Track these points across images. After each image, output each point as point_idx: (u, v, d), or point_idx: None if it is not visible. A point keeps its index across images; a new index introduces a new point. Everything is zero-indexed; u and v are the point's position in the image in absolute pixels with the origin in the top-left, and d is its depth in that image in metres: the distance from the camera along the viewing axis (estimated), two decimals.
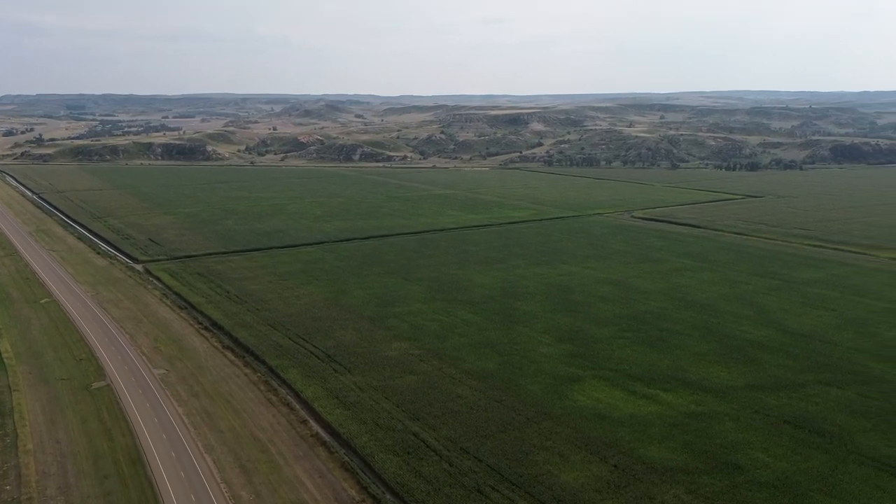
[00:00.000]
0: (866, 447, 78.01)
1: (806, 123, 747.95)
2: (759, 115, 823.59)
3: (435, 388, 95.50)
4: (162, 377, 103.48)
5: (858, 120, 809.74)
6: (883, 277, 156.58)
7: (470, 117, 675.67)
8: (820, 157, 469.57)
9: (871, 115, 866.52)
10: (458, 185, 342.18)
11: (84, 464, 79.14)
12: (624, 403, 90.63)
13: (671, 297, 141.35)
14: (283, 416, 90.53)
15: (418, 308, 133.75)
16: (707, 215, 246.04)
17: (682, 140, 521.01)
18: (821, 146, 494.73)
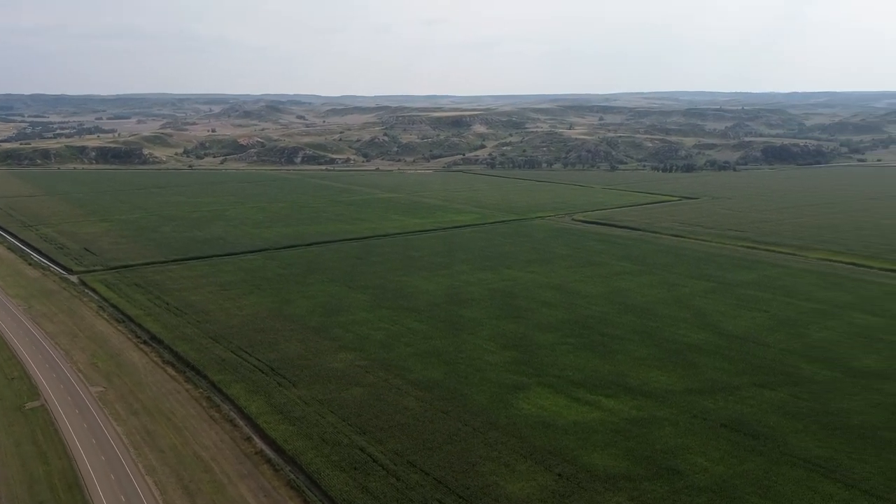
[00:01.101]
0: (798, 448, 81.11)
1: (739, 124, 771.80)
2: (695, 116, 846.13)
3: (381, 401, 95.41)
4: (99, 395, 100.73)
5: (788, 121, 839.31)
6: (811, 278, 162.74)
7: (413, 119, 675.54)
8: (752, 158, 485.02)
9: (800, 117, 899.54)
10: (401, 189, 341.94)
11: (18, 489, 76.55)
12: (568, 410, 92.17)
13: (612, 301, 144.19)
14: (226, 433, 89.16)
15: (363, 317, 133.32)
16: (646, 217, 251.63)
17: (620, 142, 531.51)
18: (753, 147, 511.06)
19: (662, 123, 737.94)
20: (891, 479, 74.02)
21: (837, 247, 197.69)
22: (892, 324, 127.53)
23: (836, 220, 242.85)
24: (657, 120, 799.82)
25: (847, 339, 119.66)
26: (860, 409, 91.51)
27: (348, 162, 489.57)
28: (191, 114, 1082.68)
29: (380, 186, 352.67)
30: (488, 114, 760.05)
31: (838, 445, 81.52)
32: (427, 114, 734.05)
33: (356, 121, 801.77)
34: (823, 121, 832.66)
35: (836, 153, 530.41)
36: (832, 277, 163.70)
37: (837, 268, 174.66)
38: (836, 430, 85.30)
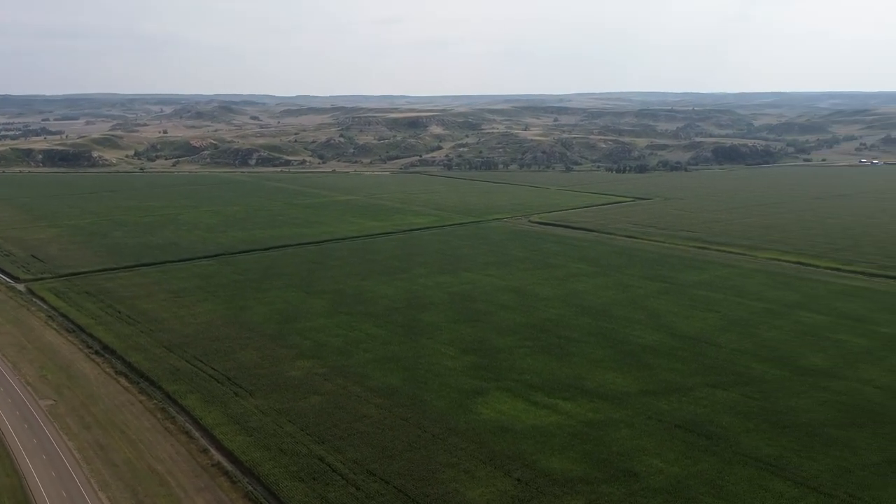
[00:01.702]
0: (750, 447, 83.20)
1: (690, 125, 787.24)
2: (647, 117, 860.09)
3: (340, 409, 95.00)
4: (49, 408, 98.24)
5: (737, 121, 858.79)
6: (761, 278, 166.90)
7: (369, 120, 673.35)
8: (703, 159, 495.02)
9: (749, 117, 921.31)
10: (358, 191, 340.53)
11: None
12: (526, 415, 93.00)
13: (569, 303, 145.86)
14: (182, 445, 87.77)
15: (321, 323, 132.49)
16: (600, 219, 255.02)
17: (575, 143, 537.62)
18: (703, 148, 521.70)
19: (616, 124, 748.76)
20: (838, 476, 76.44)
21: (785, 246, 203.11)
22: (837, 322, 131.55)
23: (783, 220, 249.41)
24: (610, 121, 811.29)
25: (795, 338, 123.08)
26: (808, 407, 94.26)
27: (304, 164, 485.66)
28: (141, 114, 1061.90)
29: (336, 188, 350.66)
30: (444, 115, 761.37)
31: (788, 444, 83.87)
32: (383, 115, 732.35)
33: (311, 121, 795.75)
34: (771, 121, 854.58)
35: (783, 153, 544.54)
36: (780, 277, 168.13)
37: (785, 267, 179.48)
38: (785, 429, 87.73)
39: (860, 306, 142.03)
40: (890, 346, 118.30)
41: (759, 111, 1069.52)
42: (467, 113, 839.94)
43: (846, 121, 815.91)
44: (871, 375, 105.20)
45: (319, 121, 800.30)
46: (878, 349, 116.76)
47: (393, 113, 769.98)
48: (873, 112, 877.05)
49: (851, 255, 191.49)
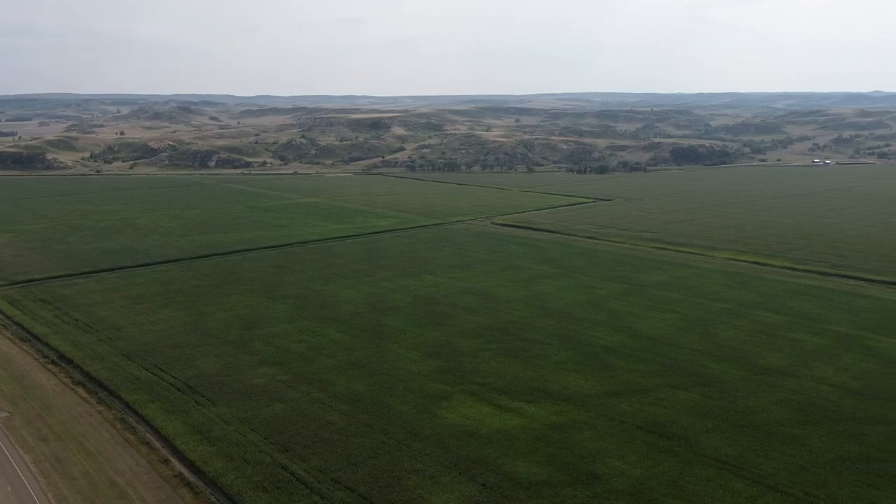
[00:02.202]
0: (710, 447, 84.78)
1: (648, 126, 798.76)
2: (607, 118, 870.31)
3: (304, 416, 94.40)
4: (4, 421, 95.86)
5: (695, 122, 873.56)
6: (719, 278, 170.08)
7: (331, 121, 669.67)
8: (662, 159, 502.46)
9: (706, 118, 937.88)
10: (321, 193, 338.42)
11: None
12: (491, 418, 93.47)
13: (532, 305, 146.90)
14: (142, 456, 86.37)
15: (284, 329, 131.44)
16: (562, 220, 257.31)
17: (536, 144, 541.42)
18: (662, 149, 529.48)
19: (576, 125, 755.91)
20: (794, 475, 78.32)
21: (742, 246, 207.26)
22: (793, 321, 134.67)
23: (740, 220, 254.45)
24: (571, 122, 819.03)
25: (752, 337, 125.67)
26: (765, 406, 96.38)
27: (265, 165, 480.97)
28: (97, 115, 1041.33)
29: (298, 191, 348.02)
30: (407, 115, 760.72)
31: (746, 443, 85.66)
32: (345, 115, 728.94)
33: (272, 122, 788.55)
34: (727, 121, 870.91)
35: (739, 153, 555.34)
36: (738, 277, 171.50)
37: (742, 267, 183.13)
38: (744, 428, 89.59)
39: (814, 305, 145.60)
40: (843, 344, 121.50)
41: (716, 111, 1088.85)
42: (430, 114, 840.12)
43: (800, 121, 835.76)
44: (825, 374, 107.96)
45: (280, 121, 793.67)
46: (832, 347, 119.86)
47: (355, 114, 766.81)
48: (826, 113, 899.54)
49: (805, 254, 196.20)
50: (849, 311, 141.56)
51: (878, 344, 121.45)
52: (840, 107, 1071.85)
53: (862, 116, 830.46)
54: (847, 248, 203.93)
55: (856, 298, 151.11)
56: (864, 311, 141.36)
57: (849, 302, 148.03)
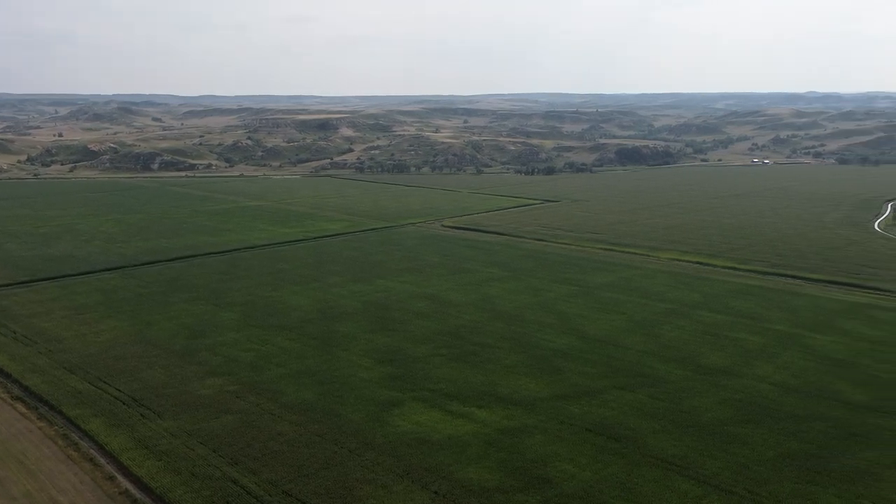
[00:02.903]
0: (657, 448, 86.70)
1: (594, 126, 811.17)
2: (553, 119, 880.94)
3: (253, 427, 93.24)
4: None
5: (638, 123, 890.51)
6: (664, 279, 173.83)
7: (278, 122, 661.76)
8: (607, 160, 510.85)
9: (649, 118, 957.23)
10: (268, 196, 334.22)
11: None
12: (442, 425, 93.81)
13: (482, 308, 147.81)
14: (86, 473, 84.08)
15: (232, 337, 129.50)
16: (511, 222, 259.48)
17: (485, 145, 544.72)
18: (607, 149, 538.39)
19: (523, 126, 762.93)
20: (737, 473, 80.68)
21: (685, 246, 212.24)
22: (734, 321, 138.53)
23: (683, 221, 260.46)
24: (518, 122, 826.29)
25: (696, 337, 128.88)
26: (709, 406, 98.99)
27: (210, 168, 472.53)
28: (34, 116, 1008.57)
29: (245, 194, 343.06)
30: (355, 116, 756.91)
31: (691, 443, 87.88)
32: (292, 116, 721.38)
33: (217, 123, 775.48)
34: (670, 122, 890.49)
35: (682, 153, 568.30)
36: (682, 277, 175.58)
37: (686, 267, 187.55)
38: (689, 428, 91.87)
39: (755, 304, 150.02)
40: (782, 343, 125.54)
41: (659, 112, 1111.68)
42: (378, 114, 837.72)
43: (739, 122, 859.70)
44: (766, 373, 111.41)
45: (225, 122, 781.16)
46: (772, 346, 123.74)
47: (302, 114, 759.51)
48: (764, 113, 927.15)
49: (746, 254, 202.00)
50: (787, 309, 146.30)
51: (815, 342, 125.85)
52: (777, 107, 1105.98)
53: (798, 117, 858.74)
54: (785, 247, 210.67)
55: (794, 297, 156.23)
56: (801, 309, 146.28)
57: (787, 301, 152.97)
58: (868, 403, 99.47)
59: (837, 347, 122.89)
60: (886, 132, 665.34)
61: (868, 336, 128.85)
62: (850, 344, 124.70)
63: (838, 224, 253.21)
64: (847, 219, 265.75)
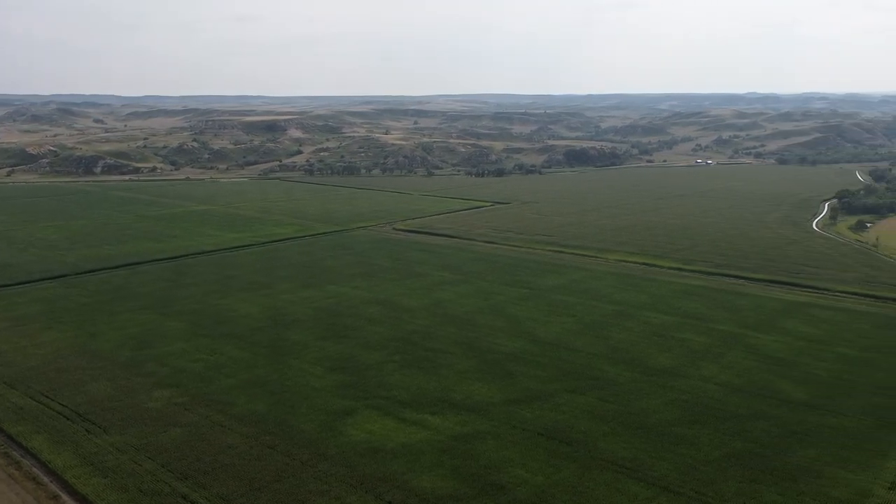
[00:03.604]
0: (607, 451, 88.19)
1: (542, 128, 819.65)
2: (503, 120, 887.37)
3: (203, 440, 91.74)
4: None
5: (586, 124, 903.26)
6: (612, 280, 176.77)
7: (224, 124, 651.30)
8: (556, 161, 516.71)
9: (596, 119, 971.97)
10: (215, 200, 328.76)
11: None
12: (396, 433, 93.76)
13: (434, 313, 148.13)
14: (28, 493, 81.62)
15: (180, 348, 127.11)
16: (462, 224, 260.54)
17: (435, 147, 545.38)
18: (556, 151, 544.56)
19: (473, 127, 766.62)
20: (684, 474, 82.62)
21: (633, 248, 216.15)
22: (680, 322, 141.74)
23: (630, 222, 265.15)
24: (468, 124, 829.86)
25: (644, 339, 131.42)
26: (657, 407, 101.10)
27: (155, 171, 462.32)
28: None
29: (192, 198, 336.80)
30: (304, 117, 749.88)
31: (640, 445, 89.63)
32: (240, 118, 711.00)
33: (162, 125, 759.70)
34: (616, 123, 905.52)
35: (628, 155, 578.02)
36: (629, 278, 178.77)
37: (633, 268, 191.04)
38: (638, 430, 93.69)
39: (700, 305, 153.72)
40: (727, 343, 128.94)
41: (605, 113, 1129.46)
42: (327, 115, 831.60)
43: (683, 122, 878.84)
44: (711, 373, 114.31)
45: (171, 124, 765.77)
46: (717, 346, 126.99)
47: (249, 115, 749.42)
48: (707, 114, 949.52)
49: (691, 254, 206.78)
50: (731, 309, 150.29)
51: (758, 341, 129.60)
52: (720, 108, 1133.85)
53: (739, 118, 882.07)
54: (728, 247, 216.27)
55: (737, 297, 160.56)
56: (744, 309, 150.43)
57: (731, 301, 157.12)
58: (808, 402, 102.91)
59: (779, 347, 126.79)
60: (822, 133, 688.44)
61: (807, 335, 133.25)
62: (791, 343, 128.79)
63: (779, 224, 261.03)
64: (787, 218, 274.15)
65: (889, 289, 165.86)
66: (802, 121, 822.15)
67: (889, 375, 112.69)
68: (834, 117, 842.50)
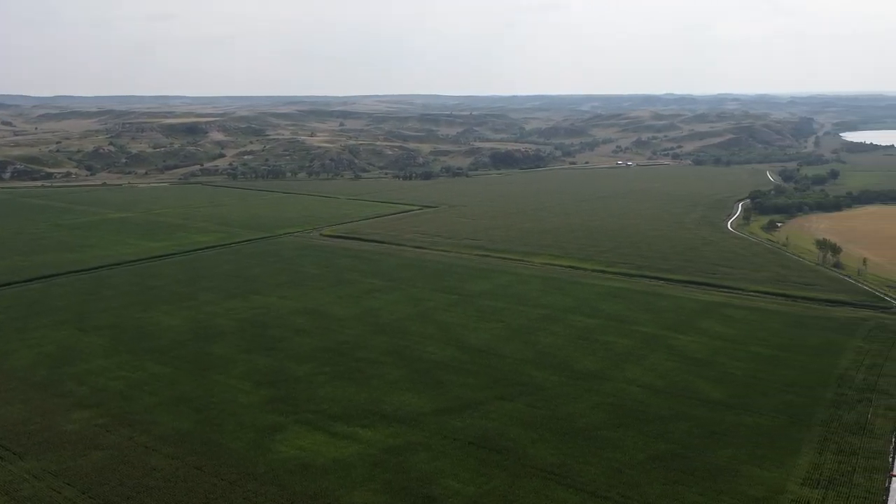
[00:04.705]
0: (537, 458, 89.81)
1: (468, 130, 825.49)
2: (429, 122, 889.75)
3: (126, 463, 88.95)
4: None
5: (510, 126, 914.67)
6: (538, 284, 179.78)
7: (143, 126, 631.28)
8: (482, 164, 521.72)
9: (521, 121, 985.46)
10: (135, 207, 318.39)
11: None
12: (326, 448, 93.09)
13: (364, 322, 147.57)
14: None
15: (99, 365, 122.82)
16: (391, 229, 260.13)
17: (362, 150, 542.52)
18: (482, 153, 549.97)
19: (400, 129, 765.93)
20: (611, 478, 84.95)
21: (557, 250, 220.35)
22: (605, 324, 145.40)
23: (554, 224, 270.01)
24: (395, 126, 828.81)
25: (570, 342, 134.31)
26: (583, 411, 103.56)
27: (69, 176, 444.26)
28: None
29: (109, 205, 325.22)
30: (226, 119, 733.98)
31: (568, 450, 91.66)
32: (158, 120, 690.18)
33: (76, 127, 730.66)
34: (540, 125, 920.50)
35: (552, 157, 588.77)
36: (554, 282, 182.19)
37: (558, 272, 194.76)
38: (566, 436, 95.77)
39: (623, 307, 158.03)
40: (649, 344, 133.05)
41: (529, 115, 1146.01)
42: (250, 117, 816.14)
43: (604, 124, 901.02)
44: (635, 375, 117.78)
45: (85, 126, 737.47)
46: (640, 348, 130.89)
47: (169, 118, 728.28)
48: (626, 115, 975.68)
49: (613, 256, 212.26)
50: (653, 311, 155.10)
51: (678, 342, 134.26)
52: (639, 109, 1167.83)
53: (657, 119, 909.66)
54: (648, 248, 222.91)
55: (658, 298, 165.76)
56: (665, 310, 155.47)
57: (652, 302, 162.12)
58: (725, 401, 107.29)
59: (697, 347, 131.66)
60: (735, 134, 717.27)
61: (723, 334, 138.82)
62: (709, 343, 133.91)
63: (696, 224, 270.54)
64: (704, 219, 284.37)
65: (798, 287, 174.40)
66: (716, 122, 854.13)
67: (798, 373, 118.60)
68: (746, 118, 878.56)
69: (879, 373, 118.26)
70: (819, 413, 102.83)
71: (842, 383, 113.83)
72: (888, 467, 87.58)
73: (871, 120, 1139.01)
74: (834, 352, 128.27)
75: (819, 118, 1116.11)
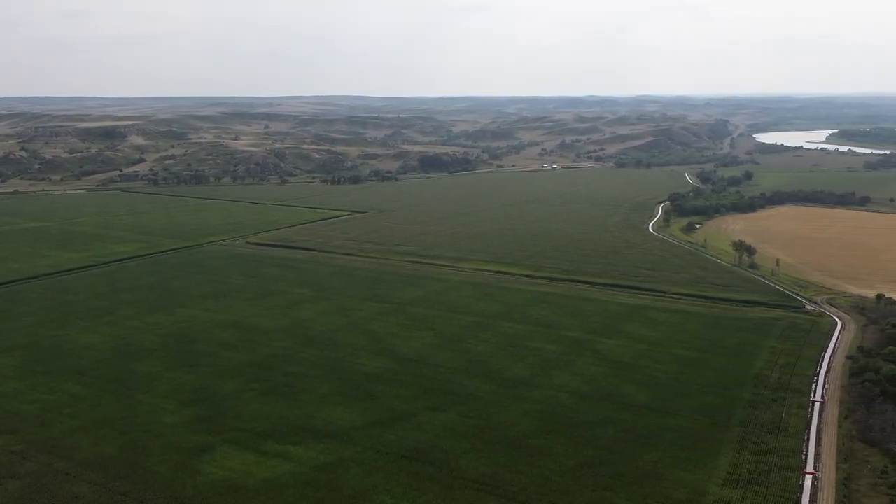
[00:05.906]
0: (469, 469, 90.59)
1: (396, 132, 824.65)
2: (356, 124, 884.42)
3: (45, 492, 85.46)
4: None
5: (438, 128, 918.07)
6: (469, 290, 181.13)
7: (57, 130, 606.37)
8: (411, 168, 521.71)
9: (448, 123, 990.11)
10: (49, 216, 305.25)
11: None
12: (257, 468, 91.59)
13: (293, 334, 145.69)
14: None
15: (13, 387, 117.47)
16: (319, 236, 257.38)
17: (288, 153, 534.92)
18: (410, 157, 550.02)
19: (327, 132, 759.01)
20: (541, 486, 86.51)
21: (487, 255, 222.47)
22: (533, 330, 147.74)
23: (483, 229, 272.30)
24: (322, 128, 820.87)
25: (500, 350, 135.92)
26: (514, 419, 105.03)
27: None
28: None
29: (21, 214, 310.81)
30: (146, 122, 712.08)
31: (500, 460, 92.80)
32: (74, 123, 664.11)
33: None
34: (467, 127, 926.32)
35: (479, 160, 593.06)
36: (484, 288, 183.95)
37: (488, 277, 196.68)
38: (497, 445, 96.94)
39: (551, 312, 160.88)
40: (576, 349, 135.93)
41: (456, 117, 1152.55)
42: (171, 120, 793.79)
43: (530, 127, 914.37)
44: (563, 381, 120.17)
45: None
46: (567, 354, 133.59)
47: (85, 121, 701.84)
48: (551, 118, 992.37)
49: (540, 260, 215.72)
50: (579, 315, 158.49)
51: (604, 346, 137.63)
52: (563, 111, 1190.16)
53: (580, 122, 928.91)
54: (574, 252, 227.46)
55: (584, 303, 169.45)
56: (591, 315, 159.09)
57: (579, 307, 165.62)
58: (650, 404, 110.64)
59: (623, 351, 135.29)
60: (655, 136, 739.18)
61: (647, 338, 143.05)
62: (633, 346, 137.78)
63: (619, 227, 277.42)
64: (626, 221, 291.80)
65: (716, 289, 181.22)
66: (637, 124, 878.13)
67: (717, 374, 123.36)
68: (665, 121, 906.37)
69: (792, 372, 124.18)
70: (737, 413, 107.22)
71: (758, 383, 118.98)
72: (801, 465, 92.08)
73: (781, 121, 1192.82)
74: (750, 352, 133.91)
75: (734, 119, 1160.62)
